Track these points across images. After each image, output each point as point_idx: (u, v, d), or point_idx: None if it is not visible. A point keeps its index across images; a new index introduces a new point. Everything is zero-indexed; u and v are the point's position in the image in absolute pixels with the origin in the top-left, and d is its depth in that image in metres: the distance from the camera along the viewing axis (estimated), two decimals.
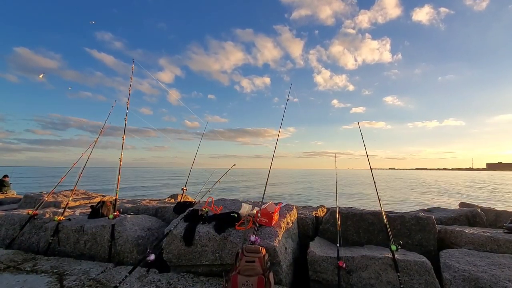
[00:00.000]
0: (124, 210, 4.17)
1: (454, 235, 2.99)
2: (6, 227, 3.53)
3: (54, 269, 2.62)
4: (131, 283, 2.31)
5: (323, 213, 3.99)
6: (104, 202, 3.66)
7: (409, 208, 14.29)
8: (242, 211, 2.85)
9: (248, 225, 2.62)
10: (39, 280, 2.37)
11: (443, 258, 2.53)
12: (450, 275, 2.27)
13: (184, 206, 3.76)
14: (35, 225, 3.46)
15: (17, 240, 3.39)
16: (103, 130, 4.06)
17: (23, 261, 2.83)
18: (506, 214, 4.00)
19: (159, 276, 2.47)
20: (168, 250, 2.62)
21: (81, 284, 2.30)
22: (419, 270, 2.32)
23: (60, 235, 3.15)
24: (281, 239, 2.57)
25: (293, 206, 3.43)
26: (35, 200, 4.87)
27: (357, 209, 3.35)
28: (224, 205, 3.32)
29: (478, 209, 3.97)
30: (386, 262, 2.40)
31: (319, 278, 2.53)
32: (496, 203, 18.86)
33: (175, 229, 2.68)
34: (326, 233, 3.30)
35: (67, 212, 3.64)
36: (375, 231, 3.08)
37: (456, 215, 3.93)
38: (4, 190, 8.21)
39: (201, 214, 2.88)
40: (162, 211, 4.03)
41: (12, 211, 4.08)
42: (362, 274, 2.43)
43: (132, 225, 3.09)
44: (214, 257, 2.49)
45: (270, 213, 2.69)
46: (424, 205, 11.01)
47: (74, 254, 3.06)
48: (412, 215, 3.08)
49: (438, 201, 20.75)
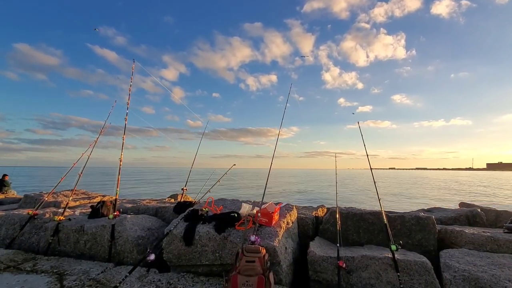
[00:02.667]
0: (124, 210, 4.17)
1: (454, 235, 2.99)
2: (6, 227, 3.53)
3: (54, 269, 2.62)
4: (131, 283, 2.31)
5: (323, 213, 3.99)
6: (104, 202, 3.66)
7: (409, 208, 14.30)
8: (242, 211, 2.85)
9: (248, 225, 2.62)
10: (39, 280, 2.37)
11: (443, 258, 2.53)
12: (450, 275, 2.27)
13: (184, 206, 3.77)
14: (35, 225, 3.46)
15: (17, 240, 3.39)
16: (103, 130, 4.06)
17: (23, 261, 2.83)
18: (506, 214, 4.00)
19: (159, 276, 2.47)
20: (168, 250, 2.62)
21: (81, 284, 2.30)
22: (419, 270, 2.32)
23: (60, 235, 3.14)
24: (281, 239, 2.57)
25: (293, 206, 3.43)
26: (35, 200, 4.87)
27: (357, 209, 3.35)
28: (224, 205, 3.32)
29: (478, 209, 3.97)
30: (386, 262, 2.40)
31: (319, 278, 2.53)
32: (497, 203, 18.86)
33: (175, 229, 2.68)
34: (326, 233, 3.30)
35: (67, 212, 3.64)
36: (375, 231, 3.08)
37: (456, 215, 3.93)
38: (4, 190, 8.21)
39: (201, 214, 2.88)
40: (162, 211, 4.03)
41: (12, 211, 4.08)
42: (362, 274, 2.43)
43: (132, 225, 3.09)
44: (214, 257, 2.49)
45: (270, 213, 2.69)
46: (424, 205, 11.00)
47: (74, 254, 3.06)
48: (412, 215, 3.08)
49: (438, 201, 20.74)
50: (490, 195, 26.24)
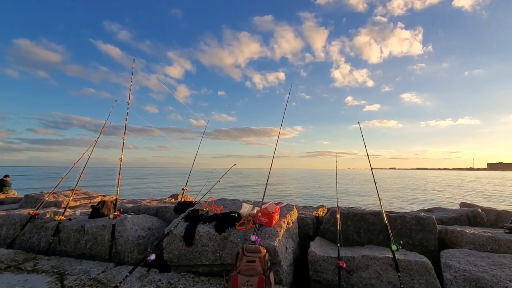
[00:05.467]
0: (125, 210, 4.18)
1: (455, 235, 2.99)
2: (7, 227, 3.54)
3: (55, 269, 2.63)
4: (131, 283, 2.32)
5: (323, 213, 3.99)
6: (105, 202, 3.66)
7: (410, 208, 14.30)
8: (242, 211, 2.85)
9: (249, 225, 2.63)
10: (40, 280, 2.38)
11: (443, 258, 2.53)
12: (451, 275, 2.27)
13: (185, 206, 3.77)
14: (36, 225, 3.47)
15: (18, 240, 3.40)
16: (104, 130, 4.06)
17: (24, 260, 2.84)
18: (507, 214, 3.99)
19: (159, 276, 2.47)
20: (168, 250, 2.62)
21: (81, 284, 2.31)
22: (419, 270, 2.32)
23: (60, 235, 3.15)
24: (282, 239, 2.57)
25: (293, 206, 3.43)
26: (36, 200, 4.89)
27: (358, 209, 3.35)
28: (224, 205, 3.32)
29: (479, 209, 3.96)
30: (386, 262, 2.40)
31: (319, 278, 2.53)
32: (496, 203, 18.83)
33: (176, 229, 2.68)
34: (327, 233, 3.29)
35: (67, 212, 3.65)
36: (375, 231, 3.08)
37: (456, 215, 3.92)
38: (5, 190, 8.23)
39: (201, 214, 2.88)
40: (163, 211, 4.04)
41: (13, 211, 4.09)
42: (362, 274, 2.43)
43: (132, 225, 3.10)
44: (214, 257, 2.49)
45: (271, 213, 2.68)
46: (425, 205, 10.99)
47: (74, 254, 3.06)
48: (413, 215, 3.08)
49: (438, 201, 20.72)
50: (490, 195, 26.20)
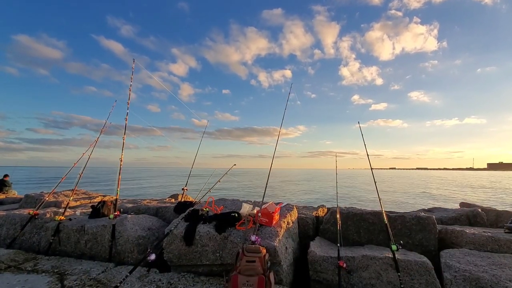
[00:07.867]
0: (125, 210, 4.18)
1: (455, 235, 2.99)
2: (7, 227, 3.54)
3: (55, 269, 2.63)
4: (131, 283, 2.32)
5: (323, 213, 3.99)
6: (105, 202, 3.66)
7: (410, 208, 14.30)
8: (242, 211, 2.86)
9: (249, 225, 2.63)
10: (40, 280, 2.38)
11: (443, 258, 2.53)
12: (450, 275, 2.27)
13: (185, 206, 3.77)
14: (36, 225, 3.47)
15: (18, 240, 3.40)
16: (104, 130, 4.05)
17: (24, 261, 2.84)
18: (507, 214, 3.99)
19: (159, 276, 2.47)
20: (168, 250, 2.62)
21: (81, 284, 2.31)
22: (419, 270, 2.32)
23: (61, 235, 3.15)
24: (282, 239, 2.57)
25: (293, 206, 3.43)
26: (36, 200, 4.89)
27: (358, 209, 3.35)
28: (224, 205, 3.32)
29: (479, 209, 3.96)
30: (386, 262, 2.40)
31: (319, 278, 2.53)
32: (497, 203, 18.82)
33: (176, 229, 2.68)
34: (327, 233, 3.29)
35: (67, 212, 3.65)
36: (375, 231, 3.08)
37: (456, 215, 3.92)
38: (5, 190, 8.22)
39: (201, 214, 2.88)
40: (163, 211, 4.04)
41: (13, 211, 4.09)
42: (362, 274, 2.43)
43: (132, 225, 3.10)
44: (214, 257, 2.49)
45: (271, 213, 2.69)
46: (425, 205, 11.00)
47: (74, 254, 3.06)
48: (413, 215, 3.08)
49: (439, 201, 20.72)
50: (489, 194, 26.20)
